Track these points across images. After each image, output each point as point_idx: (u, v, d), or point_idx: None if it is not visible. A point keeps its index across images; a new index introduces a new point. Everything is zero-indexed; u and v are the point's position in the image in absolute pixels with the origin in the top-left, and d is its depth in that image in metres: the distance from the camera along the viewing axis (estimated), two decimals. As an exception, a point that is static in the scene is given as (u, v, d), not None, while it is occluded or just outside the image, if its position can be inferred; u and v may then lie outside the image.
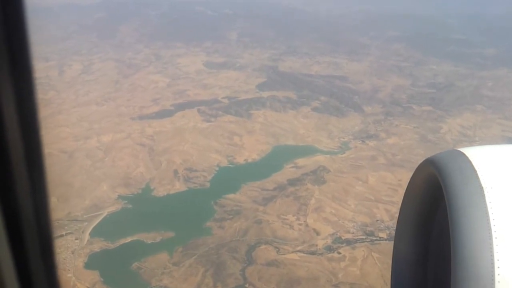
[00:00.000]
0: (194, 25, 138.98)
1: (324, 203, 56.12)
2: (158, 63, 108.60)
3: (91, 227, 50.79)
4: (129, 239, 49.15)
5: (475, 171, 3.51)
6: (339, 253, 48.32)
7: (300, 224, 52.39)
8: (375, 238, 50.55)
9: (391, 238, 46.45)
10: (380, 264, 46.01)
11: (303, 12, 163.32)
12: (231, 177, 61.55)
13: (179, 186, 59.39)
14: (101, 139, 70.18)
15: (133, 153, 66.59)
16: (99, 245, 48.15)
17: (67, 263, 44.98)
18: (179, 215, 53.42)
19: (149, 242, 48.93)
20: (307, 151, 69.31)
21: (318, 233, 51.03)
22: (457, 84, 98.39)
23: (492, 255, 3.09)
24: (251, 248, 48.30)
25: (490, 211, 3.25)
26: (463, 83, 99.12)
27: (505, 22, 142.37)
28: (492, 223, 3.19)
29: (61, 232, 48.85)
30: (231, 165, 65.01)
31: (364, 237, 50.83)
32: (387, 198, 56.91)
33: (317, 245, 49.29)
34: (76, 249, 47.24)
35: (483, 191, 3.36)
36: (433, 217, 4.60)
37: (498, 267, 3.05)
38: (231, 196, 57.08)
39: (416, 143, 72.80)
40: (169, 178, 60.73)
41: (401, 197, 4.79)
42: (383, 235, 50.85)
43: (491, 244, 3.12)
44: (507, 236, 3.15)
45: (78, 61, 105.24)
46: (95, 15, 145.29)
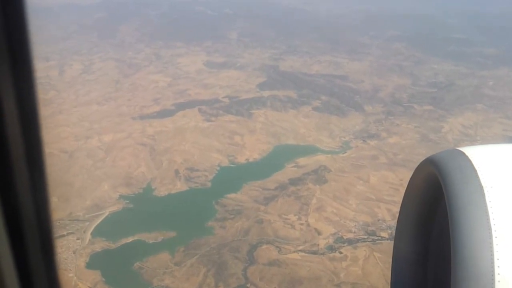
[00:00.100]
0: (194, 25, 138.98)
1: (325, 203, 56.04)
2: (159, 63, 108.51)
3: (93, 227, 50.68)
4: (130, 239, 49.04)
5: (475, 170, 3.52)
6: (340, 252, 48.20)
7: (301, 224, 52.31)
8: (376, 238, 50.48)
9: (392, 238, 46.01)
10: (382, 264, 45.92)
11: (303, 12, 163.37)
12: (232, 176, 61.47)
13: (180, 186, 59.32)
14: (102, 139, 70.10)
15: (134, 153, 66.52)
16: (100, 245, 48.05)
17: (68, 263, 44.91)
18: (181, 214, 53.33)
19: (150, 242, 48.83)
20: (308, 150, 69.24)
21: (319, 233, 50.95)
22: (458, 84, 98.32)
23: (492, 255, 3.09)
24: (252, 248, 48.22)
25: (490, 210, 3.25)
26: (464, 82, 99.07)
27: (505, 21, 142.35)
28: (492, 222, 3.20)
29: (62, 232, 48.82)
30: (232, 165, 64.93)
31: (365, 236, 50.74)
32: (388, 197, 56.84)
33: (318, 244, 49.20)
34: (77, 249, 47.12)
35: (483, 190, 3.37)
36: (433, 216, 4.60)
37: (498, 266, 3.05)
38: (233, 195, 57.00)
39: (417, 143, 72.71)
40: (170, 178, 60.66)
41: (402, 196, 4.77)
42: (384, 234, 50.79)
43: (491, 243, 3.12)
44: (507, 236, 3.15)
45: (78, 61, 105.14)
46: (96, 15, 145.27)
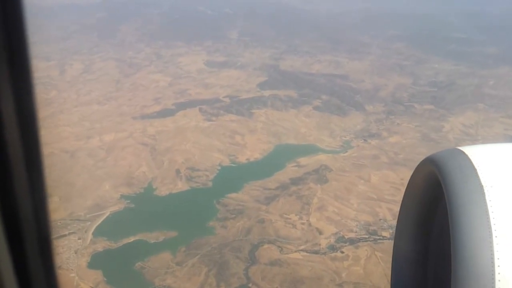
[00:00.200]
0: (195, 25, 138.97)
1: (326, 202, 56.02)
2: (159, 62, 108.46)
3: (94, 226, 50.60)
4: (132, 239, 48.96)
5: (475, 169, 3.53)
6: (342, 252, 48.17)
7: (303, 223, 52.28)
8: (378, 237, 50.46)
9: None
10: (384, 263, 45.86)
11: (303, 11, 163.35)
12: (233, 176, 61.43)
13: (181, 186, 59.27)
14: (103, 139, 70.05)
15: (135, 153, 66.48)
16: (102, 244, 47.97)
17: (70, 263, 44.87)
18: (182, 214, 53.29)
19: (152, 242, 48.77)
20: (309, 150, 69.22)
21: (321, 232, 50.91)
22: (459, 83, 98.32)
23: (492, 254, 3.09)
24: (254, 248, 48.16)
25: (490, 209, 3.26)
26: (464, 81, 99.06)
27: (505, 20, 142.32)
28: (492, 221, 3.20)
29: (63, 231, 48.83)
30: (233, 164, 64.88)
31: (367, 236, 50.71)
32: (389, 197, 56.80)
33: (320, 244, 49.16)
34: (79, 248, 47.07)
35: (483, 189, 3.38)
36: (433, 215, 4.60)
37: (498, 265, 3.05)
38: (234, 195, 56.96)
39: (418, 142, 72.70)
40: (172, 178, 60.62)
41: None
42: (386, 234, 50.76)
43: (491, 242, 3.12)
44: (507, 235, 3.15)
45: (79, 60, 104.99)
46: (96, 14, 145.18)
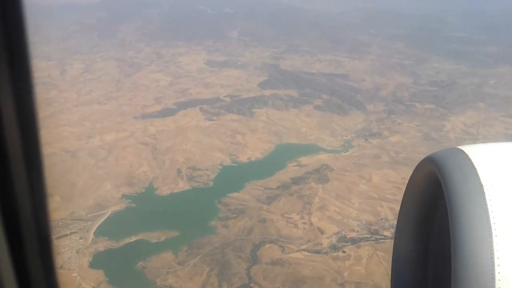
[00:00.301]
0: (195, 24, 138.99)
1: (328, 202, 55.98)
2: (160, 62, 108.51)
3: (95, 226, 50.58)
4: (133, 238, 48.94)
5: (474, 169, 3.52)
6: (344, 252, 48.12)
7: (304, 223, 52.24)
8: (379, 237, 50.41)
9: (396, 237, 46.22)
10: (385, 263, 45.79)
11: (303, 11, 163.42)
12: (234, 176, 61.41)
13: (182, 185, 59.25)
14: (104, 138, 70.03)
15: (136, 152, 66.46)
16: (103, 244, 47.94)
17: (72, 263, 44.86)
18: (183, 214, 53.25)
19: (153, 241, 48.74)
20: (310, 149, 69.20)
21: (322, 232, 50.87)
22: (459, 82, 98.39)
23: (492, 253, 3.08)
24: (255, 247, 48.11)
25: (490, 208, 3.24)
26: (465, 81, 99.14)
27: (506, 19, 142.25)
28: (492, 220, 3.19)
29: (65, 231, 48.82)
30: (234, 164, 64.85)
31: (368, 235, 50.67)
32: (391, 196, 56.74)
33: (321, 244, 49.12)
34: (80, 248, 47.04)
35: (482, 188, 3.37)
36: (433, 215, 4.59)
37: (498, 265, 3.04)
38: (235, 195, 56.93)
39: (419, 141, 72.72)
40: (173, 177, 60.60)
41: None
42: (387, 233, 50.70)
43: (491, 241, 3.11)
44: (507, 234, 3.14)
45: (79, 60, 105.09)
46: (96, 14, 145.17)
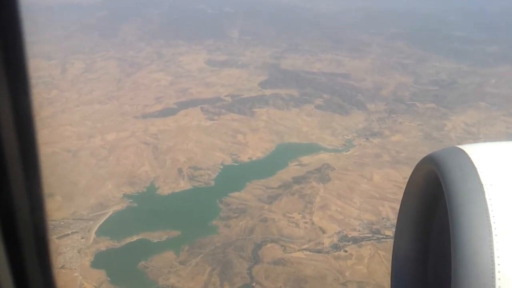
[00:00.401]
0: (195, 24, 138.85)
1: (329, 201, 55.96)
2: (160, 62, 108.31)
3: (97, 226, 50.48)
4: (135, 238, 48.85)
5: (474, 168, 3.52)
6: (345, 251, 48.08)
7: (306, 222, 52.20)
8: (381, 236, 50.35)
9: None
10: (387, 262, 45.73)
11: (303, 10, 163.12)
12: (235, 175, 61.32)
13: (183, 185, 59.19)
14: (105, 138, 69.91)
15: (137, 152, 66.37)
16: (105, 244, 47.85)
17: (73, 262, 44.80)
18: (185, 213, 53.20)
19: (155, 241, 48.66)
20: (311, 149, 69.14)
21: (324, 231, 50.83)
22: (460, 81, 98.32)
23: (492, 252, 3.09)
24: (257, 247, 48.04)
25: (490, 208, 3.25)
26: (466, 80, 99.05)
27: (506, 18, 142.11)
28: (492, 220, 3.19)
29: (66, 231, 48.80)
30: (235, 164, 64.76)
31: (370, 235, 50.62)
32: (392, 195, 56.65)
33: (323, 243, 49.07)
34: (82, 248, 46.98)
35: (482, 188, 3.37)
36: (433, 214, 4.59)
37: (498, 264, 3.05)
38: (236, 194, 56.87)
39: (421, 141, 72.65)
40: (174, 177, 60.56)
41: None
42: (389, 233, 50.63)
43: (491, 241, 3.12)
44: (507, 233, 3.15)
45: (80, 59, 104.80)
46: (97, 14, 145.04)
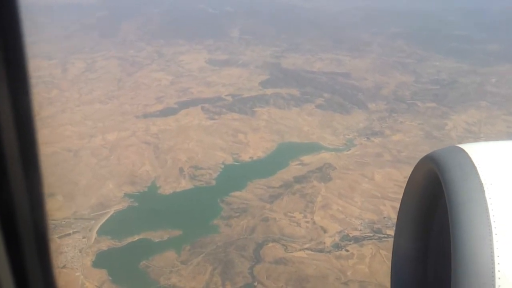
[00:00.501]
0: (196, 23, 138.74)
1: (330, 200, 55.92)
2: (161, 61, 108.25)
3: (98, 225, 50.43)
4: (136, 238, 48.78)
5: (474, 167, 3.51)
6: (347, 250, 48.02)
7: (307, 222, 52.16)
8: (382, 236, 50.28)
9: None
10: (388, 262, 45.16)
11: (303, 9, 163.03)
12: (236, 174, 61.29)
13: (185, 184, 59.17)
14: (106, 137, 69.83)
15: (138, 151, 66.33)
16: (106, 243, 47.79)
17: (75, 262, 44.76)
18: (186, 213, 53.15)
19: (156, 241, 48.59)
20: (312, 148, 69.11)
21: (325, 231, 50.78)
22: (461, 81, 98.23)
23: (492, 251, 3.08)
24: (258, 246, 47.99)
25: (490, 207, 3.24)
26: (466, 79, 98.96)
27: (506, 18, 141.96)
28: (492, 219, 3.18)
29: (68, 230, 48.77)
30: (236, 163, 64.73)
31: (371, 234, 50.59)
32: (393, 195, 56.56)
33: (324, 242, 49.01)
34: (83, 247, 46.92)
35: (482, 187, 3.36)
36: (433, 213, 4.57)
37: (498, 263, 3.05)
38: (237, 193, 56.83)
39: (421, 140, 72.61)
40: (175, 176, 60.53)
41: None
42: (390, 232, 50.54)
43: (491, 240, 3.11)
44: (507, 232, 3.14)
45: (80, 59, 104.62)
46: (97, 13, 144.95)
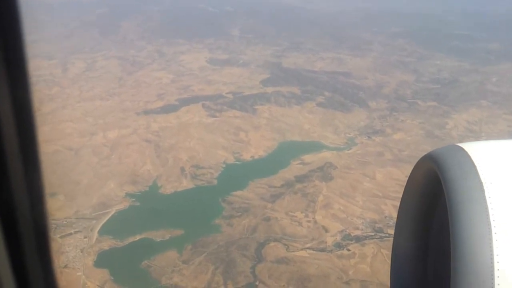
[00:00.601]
0: (196, 22, 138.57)
1: (332, 200, 55.92)
2: (162, 60, 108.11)
3: (100, 225, 50.40)
4: (137, 237, 48.78)
5: (474, 166, 3.48)
6: (348, 250, 48.06)
7: (308, 221, 52.17)
8: (384, 235, 50.31)
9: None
10: (390, 261, 45.73)
11: (304, 10, 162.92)
12: (238, 174, 61.24)
13: (186, 184, 59.12)
14: (107, 135, 69.77)
15: (140, 150, 66.27)
16: (108, 243, 47.78)
17: (76, 262, 44.75)
18: (187, 212, 53.15)
19: (158, 240, 48.60)
20: (313, 147, 69.10)
21: (327, 230, 50.80)
22: (462, 80, 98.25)
23: (492, 250, 3.07)
24: (260, 246, 48.01)
25: (489, 206, 3.23)
26: (467, 78, 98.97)
27: (506, 18, 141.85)
28: (491, 218, 3.17)
29: (69, 230, 48.75)
30: (237, 162, 64.70)
31: (373, 233, 50.64)
32: (394, 194, 56.53)
33: (326, 242, 49.03)
34: (85, 247, 46.88)
35: (482, 186, 3.34)
36: (432, 212, 4.56)
37: (498, 262, 3.04)
38: (239, 193, 56.83)
39: (422, 139, 72.61)
40: (176, 175, 60.47)
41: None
42: (392, 231, 49.85)
43: (490, 239, 3.10)
44: (506, 231, 3.13)
45: (81, 59, 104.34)
46: (97, 10, 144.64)
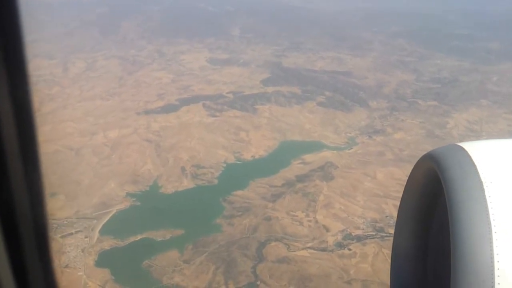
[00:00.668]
0: (196, 22, 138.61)
1: (333, 199, 55.89)
2: (162, 60, 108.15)
3: (100, 225, 50.36)
4: (138, 237, 48.73)
5: (474, 165, 3.46)
6: (349, 249, 48.02)
7: (309, 221, 52.13)
8: (385, 234, 50.24)
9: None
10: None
11: (304, 10, 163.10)
12: (238, 173, 61.20)
13: (187, 183, 59.07)
14: (107, 135, 69.76)
15: (140, 150, 66.24)
16: (109, 243, 47.73)
17: (77, 261, 44.70)
18: (188, 212, 53.10)
19: (159, 240, 48.56)
20: (314, 146, 69.08)
21: (328, 230, 50.77)
22: (462, 79, 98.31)
23: (492, 250, 3.05)
24: (261, 245, 47.95)
25: (489, 205, 3.21)
26: (468, 77, 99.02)
27: (506, 18, 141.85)
28: (491, 217, 3.16)
29: (70, 230, 48.73)
30: (238, 162, 64.66)
31: (374, 233, 50.60)
32: (395, 193, 56.49)
33: (327, 241, 48.99)
34: (86, 247, 46.85)
35: (482, 185, 3.32)
36: (432, 211, 4.54)
37: (498, 261, 3.02)
38: (240, 192, 56.79)
39: (423, 138, 72.60)
40: (177, 175, 60.43)
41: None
42: (392, 231, 50.11)
43: (490, 238, 3.09)
44: (506, 231, 3.12)
45: (81, 58, 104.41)
46: (97, 10, 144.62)
